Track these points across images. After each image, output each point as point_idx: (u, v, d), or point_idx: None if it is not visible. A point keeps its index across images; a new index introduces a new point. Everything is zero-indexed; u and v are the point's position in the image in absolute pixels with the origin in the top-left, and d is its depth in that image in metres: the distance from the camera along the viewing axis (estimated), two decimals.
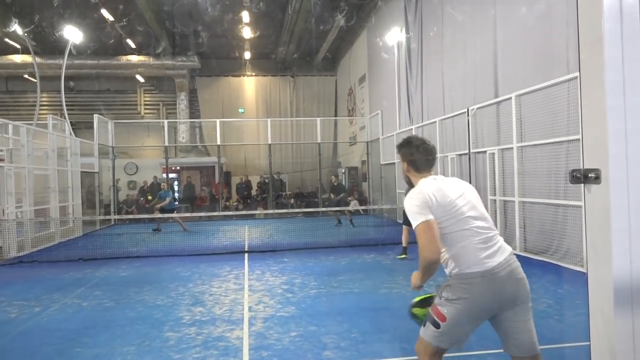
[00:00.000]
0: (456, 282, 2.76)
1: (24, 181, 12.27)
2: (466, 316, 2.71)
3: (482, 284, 2.66)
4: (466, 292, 2.70)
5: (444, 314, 2.74)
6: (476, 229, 2.76)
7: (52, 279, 8.46)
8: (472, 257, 2.71)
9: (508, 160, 9.96)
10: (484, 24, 10.98)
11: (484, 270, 2.67)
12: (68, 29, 17.62)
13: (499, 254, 2.73)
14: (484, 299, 2.68)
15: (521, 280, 2.74)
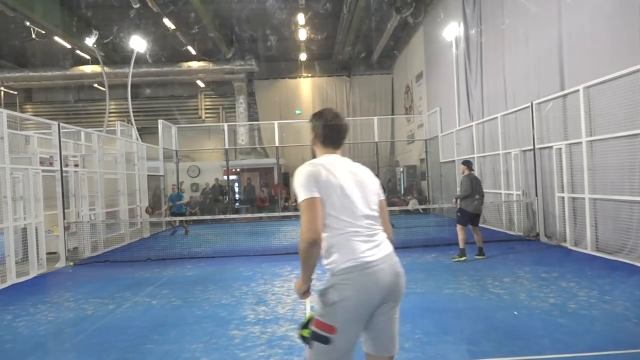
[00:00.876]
0: (338, 281, 2.47)
1: (95, 185, 12.94)
2: (354, 318, 2.45)
3: (363, 276, 2.44)
4: (349, 288, 2.43)
5: (332, 323, 2.42)
6: (361, 221, 2.55)
7: (123, 278, 8.86)
8: (353, 249, 2.48)
9: (576, 156, 9.51)
10: (548, 12, 10.53)
11: (364, 262, 2.46)
12: (133, 39, 18.44)
13: (380, 250, 2.54)
14: (368, 294, 2.45)
15: (400, 274, 2.58)
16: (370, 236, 2.55)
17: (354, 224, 2.52)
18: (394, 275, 2.54)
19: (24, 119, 14.24)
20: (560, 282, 6.95)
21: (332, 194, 2.52)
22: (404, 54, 24.94)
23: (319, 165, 2.60)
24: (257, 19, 21.18)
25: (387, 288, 2.50)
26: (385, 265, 2.51)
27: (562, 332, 4.84)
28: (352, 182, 2.62)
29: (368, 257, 2.47)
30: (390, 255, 2.59)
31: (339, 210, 2.52)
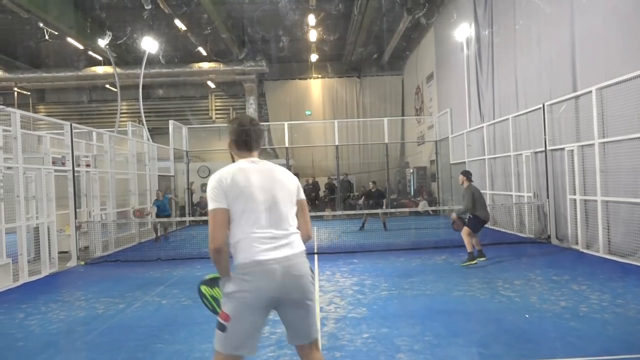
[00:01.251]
0: (236, 275, 2.69)
1: (107, 185, 13.05)
2: (247, 309, 2.65)
3: (258, 274, 2.64)
4: (244, 282, 2.65)
5: (227, 312, 2.66)
6: (265, 223, 2.73)
7: (134, 278, 8.92)
8: (251, 249, 2.68)
9: (589, 157, 9.42)
10: (560, 12, 10.45)
11: (257, 260, 2.65)
12: (145, 41, 18.56)
13: (279, 251, 2.71)
14: (260, 289, 2.65)
15: (299, 277, 2.73)
16: (272, 238, 2.74)
17: (257, 227, 2.73)
18: (290, 276, 2.70)
19: (36, 120, 14.39)
20: (572, 285, 6.89)
21: (237, 199, 2.72)
22: (414, 54, 24.88)
23: (227, 173, 2.79)
24: (267, 20, 21.23)
25: (280, 287, 2.68)
26: (278, 265, 2.68)
27: (574, 336, 4.79)
28: (261, 185, 2.80)
29: (262, 257, 2.67)
30: (290, 257, 2.75)
31: (243, 214, 2.72)
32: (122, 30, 20.18)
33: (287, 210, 2.85)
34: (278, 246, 2.74)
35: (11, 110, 9.17)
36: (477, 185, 15.46)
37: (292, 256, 2.76)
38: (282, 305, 2.77)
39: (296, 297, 2.75)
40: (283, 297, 2.72)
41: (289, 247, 2.78)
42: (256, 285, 2.65)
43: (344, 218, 19.56)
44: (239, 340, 2.68)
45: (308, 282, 2.80)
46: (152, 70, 23.60)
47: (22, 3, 17.19)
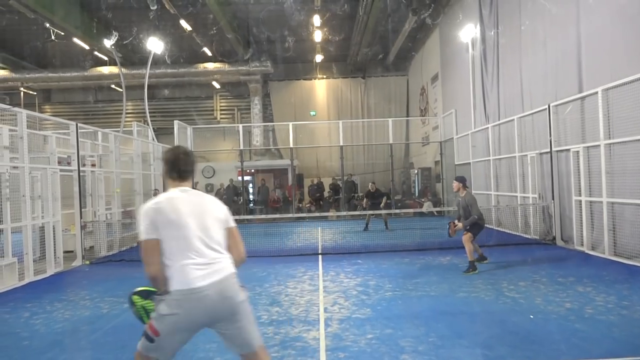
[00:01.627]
0: (170, 298, 2.86)
1: (112, 185, 13.08)
2: (177, 330, 2.87)
3: (192, 301, 2.82)
4: (178, 307, 2.82)
5: (157, 328, 2.86)
6: (196, 250, 2.89)
7: (138, 278, 8.87)
8: (185, 276, 2.84)
9: (594, 159, 9.38)
10: (566, 13, 10.42)
11: (192, 288, 2.82)
12: (150, 41, 18.62)
13: (214, 276, 2.87)
14: (192, 315, 2.84)
15: (231, 298, 2.90)
16: (205, 264, 2.89)
17: (190, 253, 2.88)
18: (222, 298, 2.88)
19: (42, 119, 14.45)
20: (577, 287, 6.87)
21: (168, 228, 2.89)
22: (419, 55, 24.85)
23: (156, 204, 2.96)
24: (272, 21, 21.26)
25: (214, 310, 2.88)
26: (211, 291, 2.84)
27: (579, 338, 4.77)
28: (191, 213, 2.97)
29: (196, 284, 2.83)
30: (221, 281, 2.90)
31: (175, 242, 2.89)
32: (128, 31, 20.26)
33: (217, 237, 3.02)
34: (211, 272, 2.89)
35: (17, 110, 9.22)
36: (482, 186, 15.54)
37: (224, 279, 2.92)
38: (217, 323, 2.96)
39: (229, 316, 2.93)
40: (216, 319, 2.92)
41: (220, 271, 2.93)
42: (189, 311, 2.83)
43: (348, 219, 19.56)
44: (163, 353, 2.92)
45: (239, 300, 2.96)
46: (157, 70, 23.66)
47: (29, 3, 17.28)
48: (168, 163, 3.15)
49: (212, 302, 2.85)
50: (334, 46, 24.58)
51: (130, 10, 19.37)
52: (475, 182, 16.19)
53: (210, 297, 2.84)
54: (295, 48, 23.78)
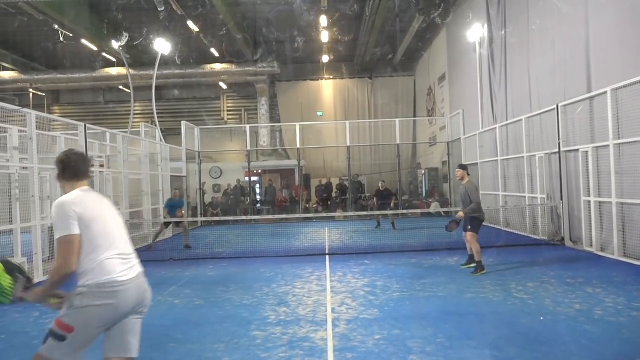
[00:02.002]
0: (93, 291, 2.88)
1: (120, 185, 13.15)
2: (99, 321, 2.89)
3: (127, 291, 2.94)
4: (105, 300, 2.88)
5: (70, 324, 2.85)
6: (117, 245, 3.03)
7: (146, 277, 8.95)
8: (113, 268, 2.94)
9: (604, 159, 9.31)
10: (575, 12, 10.36)
11: (124, 280, 2.95)
12: (158, 42, 18.70)
13: (134, 270, 3.05)
14: (123, 305, 2.93)
15: (147, 291, 3.11)
16: (126, 259, 3.05)
17: (113, 248, 3.01)
18: (141, 293, 3.06)
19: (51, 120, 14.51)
20: (587, 288, 6.82)
21: (92, 223, 2.96)
22: (426, 55, 24.79)
23: (73, 200, 3.00)
24: (279, 22, 21.28)
25: (134, 303, 3.00)
26: (133, 285, 2.99)
27: (589, 339, 4.74)
28: (104, 212, 3.10)
29: (122, 277, 2.95)
30: (139, 276, 3.09)
31: (98, 237, 2.97)
32: (136, 32, 20.34)
33: (125, 234, 3.22)
34: (132, 267, 3.07)
35: (27, 111, 9.29)
36: (490, 187, 15.48)
37: (140, 274, 3.12)
38: (127, 317, 3.03)
39: (141, 312, 3.11)
40: (132, 312, 3.03)
41: (137, 266, 3.13)
42: (116, 302, 2.90)
43: (356, 219, 19.55)
44: (76, 351, 2.88)
45: (149, 295, 3.17)
46: (165, 71, 23.77)
47: (38, 5, 17.42)
48: (63, 165, 3.17)
49: (133, 295, 2.98)
50: (341, 47, 24.56)
51: (138, 12, 19.47)
52: (483, 182, 16.14)
53: (133, 290, 2.98)
54: (302, 49, 23.79)
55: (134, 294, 2.99)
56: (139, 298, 3.04)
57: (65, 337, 2.85)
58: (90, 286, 2.90)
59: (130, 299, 2.97)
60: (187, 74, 25.26)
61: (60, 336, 2.85)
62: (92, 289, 2.89)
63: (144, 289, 3.10)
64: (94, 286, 2.89)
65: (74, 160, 3.19)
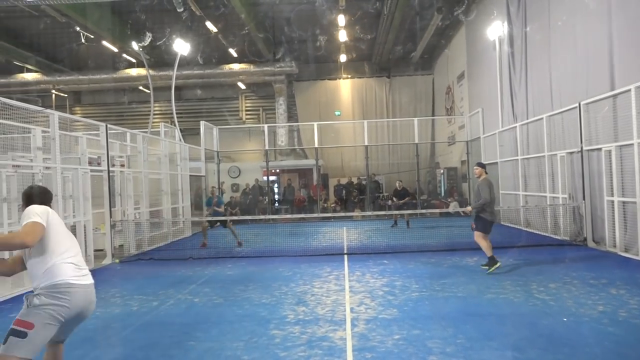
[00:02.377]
0: (50, 292, 3.27)
1: (140, 185, 13.31)
2: (54, 321, 3.26)
3: (79, 294, 3.35)
4: (61, 300, 3.27)
5: (31, 321, 3.18)
6: (76, 254, 3.51)
7: (166, 276, 9.07)
8: (71, 272, 3.37)
9: (627, 158, 9.14)
10: (597, 9, 10.17)
11: (81, 284, 3.39)
12: (177, 43, 18.87)
13: (86, 279, 3.47)
14: (74, 306, 3.32)
15: (93, 302, 3.53)
16: (80, 268, 3.47)
17: (69, 255, 3.44)
18: (89, 302, 3.47)
19: (73, 121, 14.76)
20: (610, 289, 6.70)
21: (55, 227, 3.45)
22: (445, 54, 24.58)
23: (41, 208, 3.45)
24: (297, 21, 21.31)
25: (81, 308, 3.39)
26: (82, 291, 3.40)
27: (612, 341, 4.66)
28: (62, 226, 3.58)
29: (76, 281, 3.38)
30: (91, 285, 3.51)
31: (58, 241, 3.43)
32: (155, 33, 20.55)
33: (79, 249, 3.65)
34: (83, 275, 3.46)
35: (50, 112, 9.46)
36: (510, 186, 15.29)
37: (91, 285, 3.52)
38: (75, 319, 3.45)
39: (84, 319, 3.53)
40: (78, 316, 3.43)
41: (89, 277, 3.53)
42: (69, 303, 3.30)
43: (374, 218, 19.49)
44: (36, 346, 3.20)
45: (93, 306, 3.57)
46: (183, 71, 23.97)
47: (60, 8, 17.71)
48: (29, 196, 3.67)
49: (83, 300, 3.40)
50: (359, 46, 24.51)
51: (157, 13, 19.67)
52: (503, 182, 15.96)
53: (81, 295, 3.39)
54: (320, 48, 23.80)
55: (82, 298, 3.39)
56: (86, 304, 3.44)
57: (26, 333, 3.15)
58: (47, 287, 3.28)
59: (80, 301, 3.37)
60: (205, 74, 25.43)
61: (21, 333, 3.15)
62: (49, 289, 3.28)
63: (91, 299, 3.50)
64: (50, 287, 3.28)
65: (37, 192, 3.74)
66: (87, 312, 3.51)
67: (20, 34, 22.71)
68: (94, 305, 3.56)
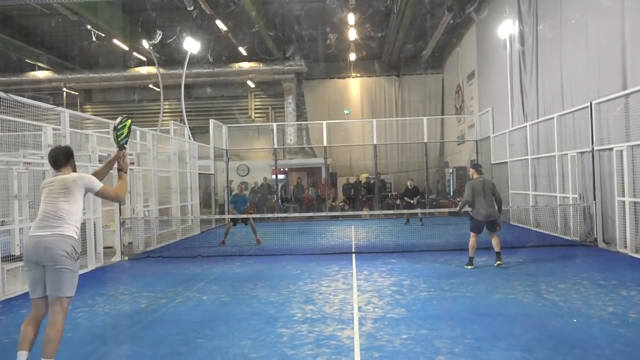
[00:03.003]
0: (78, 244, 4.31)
1: (149, 183, 13.37)
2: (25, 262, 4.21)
3: (27, 243, 4.18)
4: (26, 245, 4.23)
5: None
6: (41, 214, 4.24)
7: (175, 274, 9.11)
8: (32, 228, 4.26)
9: (639, 158, 9.04)
10: (610, 7, 10.07)
11: (30, 234, 4.22)
12: (187, 41, 18.93)
13: (40, 230, 4.16)
14: (28, 253, 4.14)
15: (47, 248, 4.08)
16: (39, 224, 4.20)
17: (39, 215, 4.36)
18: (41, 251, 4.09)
19: (84, 119, 14.88)
20: (620, 290, 6.64)
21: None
22: (455, 53, 24.45)
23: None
24: (307, 20, 21.31)
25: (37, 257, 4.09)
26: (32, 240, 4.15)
27: (623, 343, 4.62)
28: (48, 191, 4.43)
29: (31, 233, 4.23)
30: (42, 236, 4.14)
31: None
32: (165, 32, 20.64)
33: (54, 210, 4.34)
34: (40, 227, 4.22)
35: (61, 110, 9.53)
36: (520, 186, 15.18)
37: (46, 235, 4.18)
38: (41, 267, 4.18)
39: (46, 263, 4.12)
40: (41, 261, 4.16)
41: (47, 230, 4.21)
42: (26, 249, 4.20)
43: (382, 217, 19.46)
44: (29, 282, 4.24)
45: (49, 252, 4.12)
46: (193, 70, 24.05)
47: (72, 6, 17.84)
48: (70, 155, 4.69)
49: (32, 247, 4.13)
50: (368, 44, 24.46)
51: (167, 12, 19.76)
52: (513, 181, 15.87)
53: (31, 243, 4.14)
54: (330, 47, 23.78)
55: (31, 246, 4.11)
56: (36, 251, 4.09)
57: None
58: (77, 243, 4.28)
59: (30, 249, 4.11)
60: (215, 72, 25.49)
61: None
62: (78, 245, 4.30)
63: (42, 246, 4.08)
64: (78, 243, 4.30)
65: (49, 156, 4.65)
66: (43, 261, 4.07)
67: (32, 32, 22.92)
68: (48, 253, 4.06)
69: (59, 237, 4.13)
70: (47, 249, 4.06)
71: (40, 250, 4.07)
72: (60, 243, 4.11)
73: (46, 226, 4.15)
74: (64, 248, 4.10)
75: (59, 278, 4.07)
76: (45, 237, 4.10)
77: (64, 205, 4.24)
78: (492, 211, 8.74)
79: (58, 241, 4.11)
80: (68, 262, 4.11)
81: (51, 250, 4.07)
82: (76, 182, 4.36)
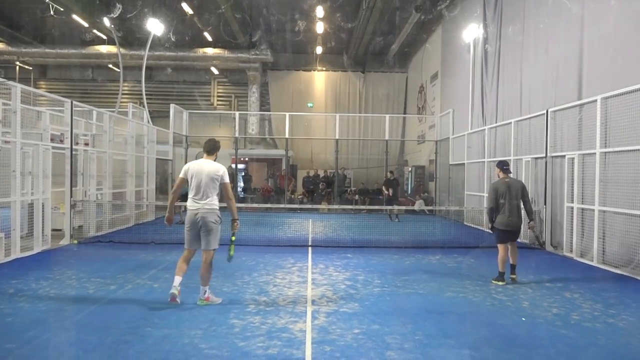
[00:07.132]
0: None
1: (104, 165, 12.96)
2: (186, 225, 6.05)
3: (188, 213, 6.00)
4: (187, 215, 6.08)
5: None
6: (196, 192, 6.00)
7: (126, 260, 8.88)
8: (190, 202, 6.02)
9: (589, 166, 9.40)
10: (570, 20, 10.40)
11: (189, 208, 5.97)
12: (150, 22, 18.41)
13: (197, 205, 5.93)
14: (188, 221, 5.98)
15: (201, 216, 5.92)
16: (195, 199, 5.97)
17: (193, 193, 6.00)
18: (197, 216, 5.91)
19: (37, 95, 14.25)
20: (565, 293, 6.89)
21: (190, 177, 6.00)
22: (420, 53, 24.77)
23: (189, 164, 6.13)
24: (275, 10, 21.09)
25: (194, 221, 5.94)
26: (192, 212, 5.95)
27: (565, 343, 4.78)
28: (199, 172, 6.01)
29: (189, 207, 5.95)
30: (199, 209, 5.94)
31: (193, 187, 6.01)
32: (128, 10, 20.00)
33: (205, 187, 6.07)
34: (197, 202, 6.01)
35: (12, 84, 9.08)
36: (475, 188, 15.54)
37: (200, 208, 5.98)
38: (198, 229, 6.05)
39: (202, 227, 6.02)
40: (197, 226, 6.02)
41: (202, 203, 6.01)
42: (186, 218, 6.07)
43: (340, 212, 19.55)
44: (186, 240, 6.14)
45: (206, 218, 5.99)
46: (156, 52, 23.45)
47: None
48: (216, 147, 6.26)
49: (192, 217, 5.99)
50: (335, 39, 24.46)
51: None
52: (469, 183, 16.22)
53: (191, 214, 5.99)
54: (296, 38, 23.63)
55: (192, 216, 5.91)
56: (195, 219, 5.91)
57: None
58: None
59: (191, 218, 5.93)
60: (178, 56, 24.97)
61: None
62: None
63: (199, 215, 5.90)
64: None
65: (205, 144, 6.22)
66: (200, 225, 5.94)
67: None
68: (205, 217, 5.92)
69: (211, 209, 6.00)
70: (202, 217, 5.90)
71: (196, 218, 5.92)
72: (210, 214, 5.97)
73: (200, 201, 5.94)
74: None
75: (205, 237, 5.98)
76: (201, 210, 5.93)
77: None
78: (517, 221, 7.54)
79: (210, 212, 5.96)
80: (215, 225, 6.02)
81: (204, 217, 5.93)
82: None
